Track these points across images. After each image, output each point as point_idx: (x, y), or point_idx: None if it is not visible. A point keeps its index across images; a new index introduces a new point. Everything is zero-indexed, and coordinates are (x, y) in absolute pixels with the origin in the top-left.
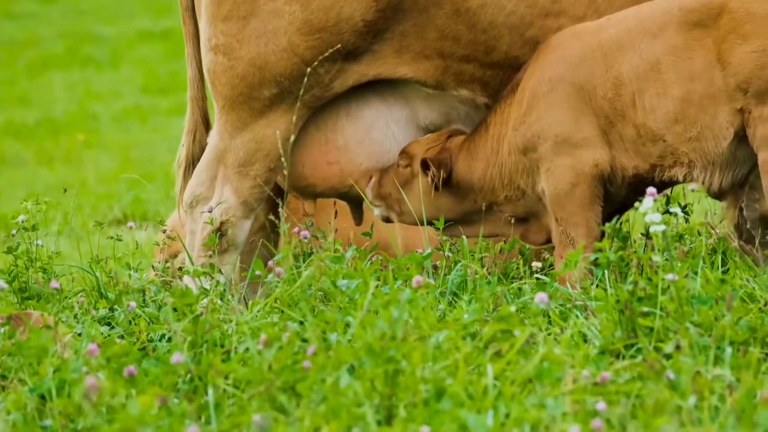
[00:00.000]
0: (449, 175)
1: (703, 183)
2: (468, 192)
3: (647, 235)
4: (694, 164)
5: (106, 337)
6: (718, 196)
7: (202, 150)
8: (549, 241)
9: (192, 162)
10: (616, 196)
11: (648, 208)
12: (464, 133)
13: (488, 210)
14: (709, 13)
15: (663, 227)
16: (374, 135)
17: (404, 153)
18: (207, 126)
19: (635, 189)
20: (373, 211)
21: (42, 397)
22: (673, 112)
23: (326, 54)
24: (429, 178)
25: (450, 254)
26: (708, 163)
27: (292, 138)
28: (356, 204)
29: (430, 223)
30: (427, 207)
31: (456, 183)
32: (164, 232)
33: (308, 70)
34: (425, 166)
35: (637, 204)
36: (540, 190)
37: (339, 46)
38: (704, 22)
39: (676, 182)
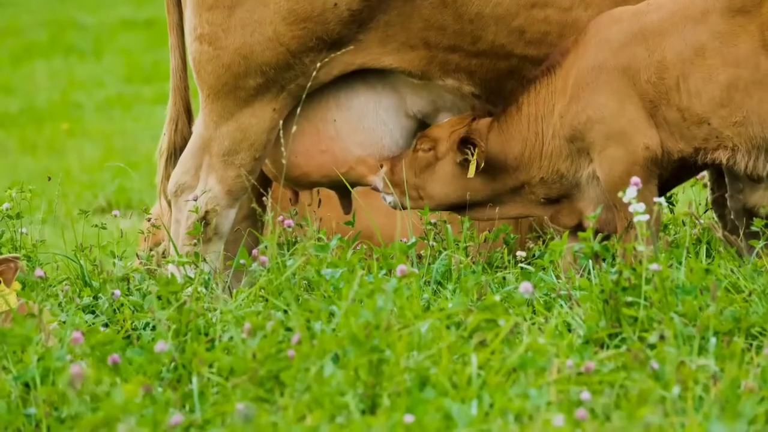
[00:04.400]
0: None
1: (746, 167)
2: (500, 172)
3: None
4: (738, 148)
5: (90, 325)
6: (759, 180)
7: (184, 139)
8: (580, 224)
9: (174, 151)
10: (660, 180)
11: (632, 197)
12: (487, 114)
13: (518, 191)
14: (753, 0)
15: (647, 217)
16: (365, 123)
17: (425, 137)
18: (189, 115)
19: (676, 173)
20: (384, 200)
21: (26, 385)
22: (719, 97)
23: (311, 45)
24: (466, 157)
25: (434, 243)
26: (752, 147)
27: (281, 123)
28: (345, 193)
29: (456, 208)
30: (455, 189)
31: (487, 164)
32: (149, 220)
33: (298, 59)
34: (465, 142)
35: (620, 194)
36: (582, 176)
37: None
38: (747, 8)
39: (719, 165)
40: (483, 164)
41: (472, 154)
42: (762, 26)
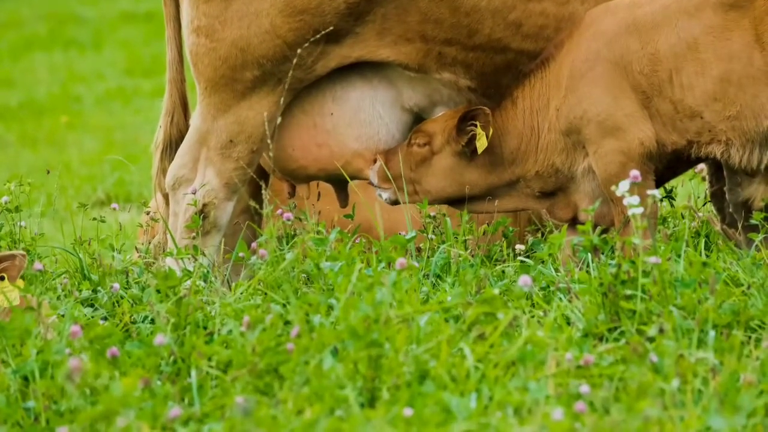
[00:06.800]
0: (474, 149)
1: (740, 161)
2: (496, 166)
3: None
4: (732, 142)
5: (89, 318)
6: (753, 174)
7: (180, 132)
8: (576, 217)
9: (169, 144)
10: (655, 173)
11: (625, 191)
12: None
13: (514, 185)
14: None
15: (641, 210)
16: (362, 117)
17: (420, 132)
18: (185, 108)
19: (671, 165)
20: (380, 195)
21: (25, 378)
22: (712, 91)
23: (308, 37)
24: (472, 133)
25: (433, 236)
26: (747, 141)
27: (279, 120)
28: (341, 186)
29: (452, 202)
30: (451, 183)
31: (483, 156)
32: (147, 213)
33: (295, 52)
34: (464, 120)
35: (614, 187)
36: (577, 170)
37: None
38: (741, 3)
39: (714, 159)
40: (491, 132)
41: (475, 129)
42: (755, 21)
